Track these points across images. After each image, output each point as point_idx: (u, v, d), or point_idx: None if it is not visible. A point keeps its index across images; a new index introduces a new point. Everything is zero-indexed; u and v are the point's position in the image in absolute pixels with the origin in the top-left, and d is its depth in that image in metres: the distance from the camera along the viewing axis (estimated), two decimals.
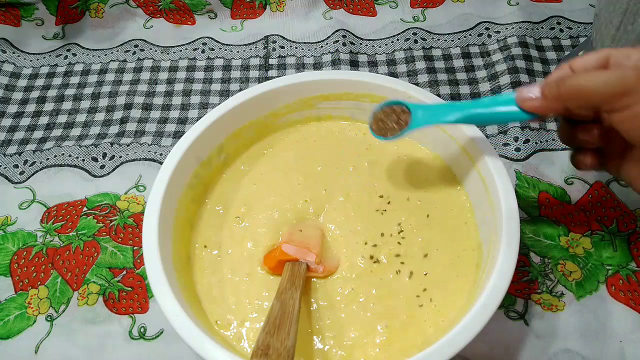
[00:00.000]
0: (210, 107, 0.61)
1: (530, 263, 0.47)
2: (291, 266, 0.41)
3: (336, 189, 0.47)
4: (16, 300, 0.48)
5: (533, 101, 0.35)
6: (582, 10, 0.68)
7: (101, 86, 0.64)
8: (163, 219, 0.41)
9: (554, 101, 0.34)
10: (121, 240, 0.51)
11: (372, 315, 0.40)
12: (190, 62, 0.66)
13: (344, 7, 0.70)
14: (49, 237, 0.51)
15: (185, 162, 0.44)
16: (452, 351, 0.33)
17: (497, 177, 0.41)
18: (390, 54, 0.65)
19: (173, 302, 0.36)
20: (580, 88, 0.32)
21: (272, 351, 0.32)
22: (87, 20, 0.70)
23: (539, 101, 0.35)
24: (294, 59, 0.65)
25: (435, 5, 0.69)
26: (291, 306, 0.36)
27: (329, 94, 0.50)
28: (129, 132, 0.59)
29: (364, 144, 0.51)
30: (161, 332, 0.45)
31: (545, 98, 0.35)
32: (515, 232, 0.38)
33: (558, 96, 0.34)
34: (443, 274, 0.42)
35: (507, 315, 0.45)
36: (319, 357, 0.39)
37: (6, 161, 0.58)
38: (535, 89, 0.35)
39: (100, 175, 0.56)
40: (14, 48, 0.69)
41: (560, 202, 0.51)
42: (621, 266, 0.47)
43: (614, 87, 0.31)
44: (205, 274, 0.43)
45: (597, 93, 0.32)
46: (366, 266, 0.43)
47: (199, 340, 0.34)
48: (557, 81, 0.34)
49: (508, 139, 0.55)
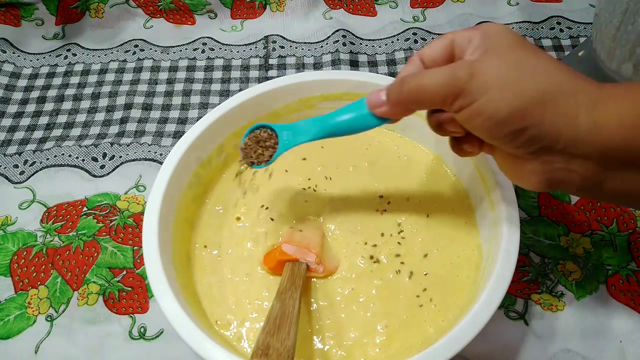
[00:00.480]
0: (210, 107, 0.61)
1: (530, 263, 0.47)
2: (291, 266, 0.41)
3: (336, 189, 0.48)
4: (16, 300, 0.48)
5: (382, 106, 0.34)
6: (582, 10, 0.68)
7: (101, 86, 0.64)
8: (163, 219, 0.41)
9: (399, 105, 0.33)
10: (121, 240, 0.51)
11: (372, 315, 0.40)
12: (190, 62, 0.66)
13: (344, 7, 0.70)
14: (49, 237, 0.51)
15: (185, 162, 0.44)
16: (452, 351, 0.33)
17: (498, 176, 0.41)
18: (390, 54, 0.65)
19: (173, 302, 0.36)
20: (418, 91, 0.32)
21: (272, 351, 0.32)
22: (87, 20, 0.70)
23: (387, 107, 0.34)
24: (294, 59, 0.65)
25: (435, 5, 0.69)
26: (291, 306, 0.36)
27: (329, 94, 0.50)
28: (129, 132, 0.59)
29: (364, 144, 0.51)
30: (161, 332, 0.45)
31: (391, 103, 0.34)
32: (516, 232, 0.38)
33: (400, 101, 0.33)
34: (443, 274, 0.42)
35: (507, 315, 0.45)
36: (319, 357, 0.39)
37: (6, 161, 0.58)
38: (382, 93, 0.34)
39: (100, 175, 0.56)
40: (14, 48, 0.69)
41: (560, 202, 0.51)
42: (621, 266, 0.47)
43: (446, 89, 0.30)
44: (205, 274, 0.43)
45: (433, 95, 0.31)
46: (366, 266, 0.43)
47: (199, 340, 0.34)
48: (399, 84, 0.33)
49: None
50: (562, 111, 0.29)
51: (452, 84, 0.30)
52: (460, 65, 0.31)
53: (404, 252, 0.43)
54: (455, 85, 0.30)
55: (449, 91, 0.30)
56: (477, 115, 0.30)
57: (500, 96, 0.29)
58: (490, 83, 0.29)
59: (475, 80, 0.29)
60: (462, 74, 0.30)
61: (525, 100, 0.29)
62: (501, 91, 0.29)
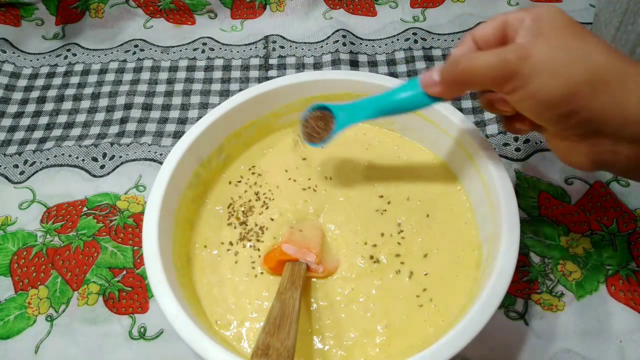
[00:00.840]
0: (210, 107, 0.61)
1: (530, 263, 0.47)
2: (291, 266, 0.41)
3: (336, 189, 0.48)
4: (16, 300, 0.48)
5: (435, 86, 0.35)
6: (582, 10, 0.68)
7: (101, 86, 0.64)
8: (163, 219, 0.41)
9: (452, 86, 0.34)
10: (121, 240, 0.51)
11: (372, 315, 0.40)
12: (190, 62, 0.66)
13: (344, 7, 0.70)
14: (49, 237, 0.51)
15: (185, 162, 0.44)
16: (452, 351, 0.33)
17: (497, 176, 0.41)
18: (390, 54, 0.65)
19: (173, 302, 0.36)
20: (470, 73, 0.32)
21: (272, 351, 0.32)
22: (87, 20, 0.70)
23: (440, 86, 0.35)
24: (294, 59, 0.65)
25: (435, 5, 0.69)
26: (291, 306, 0.36)
27: (329, 94, 0.50)
28: (129, 132, 0.59)
29: (363, 144, 0.51)
30: (161, 332, 0.45)
31: (443, 83, 0.35)
32: (515, 232, 0.38)
33: (453, 81, 0.34)
34: (443, 274, 0.42)
35: (507, 315, 0.45)
36: (319, 357, 0.39)
37: (6, 161, 0.58)
38: (436, 73, 0.35)
39: (100, 175, 0.56)
40: (14, 48, 0.69)
41: (560, 202, 0.51)
42: (621, 266, 0.47)
43: (497, 72, 0.31)
44: (205, 274, 0.43)
45: (485, 77, 0.32)
46: (366, 266, 0.43)
47: (199, 340, 0.34)
48: (452, 64, 0.33)
49: (508, 139, 0.55)
50: (611, 95, 0.29)
51: (503, 67, 0.30)
52: (511, 49, 0.31)
53: (404, 252, 0.43)
54: (506, 69, 0.30)
55: (500, 74, 0.31)
56: (527, 98, 0.31)
57: (550, 80, 0.29)
58: (541, 67, 0.30)
59: (527, 64, 0.30)
60: (513, 57, 0.30)
61: (576, 84, 0.29)
62: (552, 75, 0.29)
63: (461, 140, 0.45)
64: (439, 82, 0.35)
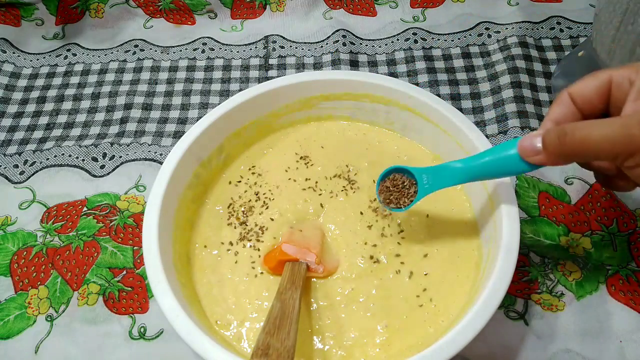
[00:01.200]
0: (210, 107, 0.61)
1: (530, 263, 0.47)
2: (291, 266, 0.41)
3: (336, 189, 0.47)
4: (16, 300, 0.48)
5: (537, 156, 0.32)
6: (582, 10, 0.68)
7: (101, 86, 0.64)
8: (163, 219, 0.41)
9: (559, 157, 0.31)
10: (121, 240, 0.51)
11: (372, 315, 0.40)
12: (190, 62, 0.66)
13: (344, 7, 0.70)
14: (49, 237, 0.51)
15: (185, 162, 0.44)
16: (452, 351, 0.33)
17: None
18: (390, 54, 0.65)
19: (173, 302, 0.36)
20: (583, 145, 0.29)
21: (272, 351, 0.32)
22: (87, 20, 0.70)
23: (543, 156, 0.32)
24: (294, 59, 0.65)
25: (435, 5, 0.69)
26: (291, 306, 0.36)
27: (329, 94, 0.50)
28: (129, 132, 0.59)
29: (364, 144, 0.51)
30: (161, 332, 0.45)
31: (550, 154, 0.32)
32: (515, 232, 0.38)
33: (561, 153, 0.31)
34: (443, 274, 0.42)
35: (507, 315, 0.45)
36: (319, 357, 0.39)
37: (6, 161, 0.58)
38: (537, 140, 0.32)
39: (100, 175, 0.56)
40: (14, 48, 0.69)
41: (560, 202, 0.51)
42: (621, 266, 0.47)
43: (620, 147, 0.28)
44: (205, 274, 0.43)
45: (602, 152, 0.29)
46: (366, 266, 0.43)
47: (199, 340, 0.34)
48: (560, 134, 0.30)
49: (508, 139, 0.55)
50: None
51: (627, 142, 0.28)
52: (636, 121, 0.28)
53: (404, 252, 0.43)
54: (631, 145, 0.27)
55: (622, 150, 0.28)
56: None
57: None
58: None
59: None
60: (637, 132, 0.27)
61: None
62: None
63: (461, 140, 0.45)
64: (543, 151, 0.32)
